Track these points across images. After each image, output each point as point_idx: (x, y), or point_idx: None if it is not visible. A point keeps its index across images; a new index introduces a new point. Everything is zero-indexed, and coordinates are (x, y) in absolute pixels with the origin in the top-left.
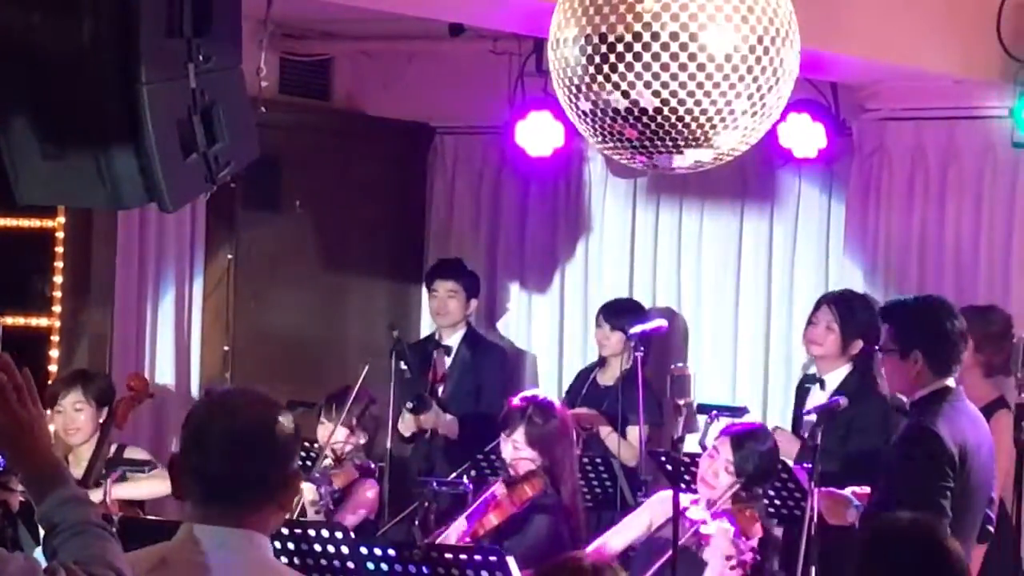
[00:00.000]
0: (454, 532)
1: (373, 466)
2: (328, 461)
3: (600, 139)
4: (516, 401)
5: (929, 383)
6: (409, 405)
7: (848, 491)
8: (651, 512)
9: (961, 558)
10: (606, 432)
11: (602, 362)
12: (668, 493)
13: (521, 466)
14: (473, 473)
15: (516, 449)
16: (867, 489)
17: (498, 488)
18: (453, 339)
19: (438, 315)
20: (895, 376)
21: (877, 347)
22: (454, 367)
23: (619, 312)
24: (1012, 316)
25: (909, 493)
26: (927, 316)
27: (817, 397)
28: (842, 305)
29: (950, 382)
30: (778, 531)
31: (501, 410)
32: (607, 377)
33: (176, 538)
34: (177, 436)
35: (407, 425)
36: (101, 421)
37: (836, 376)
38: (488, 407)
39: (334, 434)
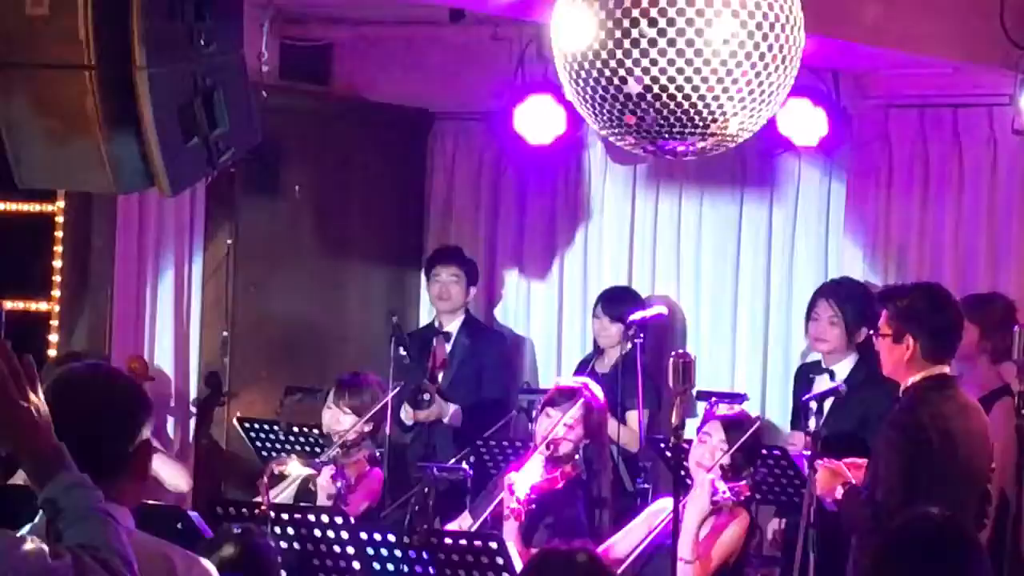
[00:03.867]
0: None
1: (378, 454)
2: (337, 451)
3: (601, 124)
4: (570, 382)
5: (922, 368)
6: (413, 400)
7: (846, 461)
8: (649, 522)
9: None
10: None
11: (599, 351)
12: (666, 502)
13: (562, 446)
14: (473, 459)
15: (568, 427)
16: (863, 461)
17: (539, 460)
18: (452, 326)
19: (440, 299)
20: (887, 359)
21: (872, 331)
22: (454, 354)
23: (617, 302)
24: (1015, 302)
25: (890, 478)
26: (921, 302)
27: (824, 386)
28: (841, 296)
29: (946, 369)
30: (776, 522)
31: (502, 396)
32: (604, 365)
33: (40, 515)
34: (176, 421)
35: (408, 415)
36: None
37: (843, 367)
38: (489, 393)
39: (343, 422)
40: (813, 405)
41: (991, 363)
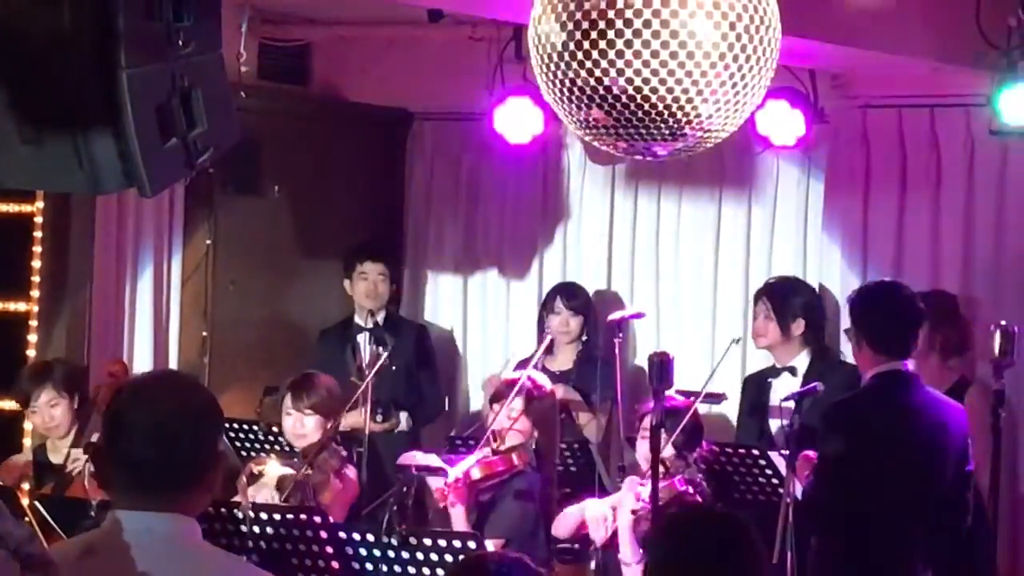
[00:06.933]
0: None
1: (345, 453)
2: (307, 470)
3: (578, 124)
4: (513, 376)
5: (875, 364)
6: (379, 418)
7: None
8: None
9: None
10: (586, 419)
11: (549, 349)
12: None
13: (510, 437)
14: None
15: (511, 419)
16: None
17: (485, 452)
18: (375, 322)
19: (368, 298)
20: (854, 357)
21: (846, 329)
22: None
23: (576, 295)
24: (963, 298)
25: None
26: (866, 299)
27: (788, 384)
28: (773, 293)
29: (899, 365)
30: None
31: (437, 388)
32: (559, 363)
33: (103, 526)
34: None
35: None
36: (76, 407)
37: (801, 361)
38: (428, 390)
39: (307, 424)
40: (791, 404)
41: (942, 359)
